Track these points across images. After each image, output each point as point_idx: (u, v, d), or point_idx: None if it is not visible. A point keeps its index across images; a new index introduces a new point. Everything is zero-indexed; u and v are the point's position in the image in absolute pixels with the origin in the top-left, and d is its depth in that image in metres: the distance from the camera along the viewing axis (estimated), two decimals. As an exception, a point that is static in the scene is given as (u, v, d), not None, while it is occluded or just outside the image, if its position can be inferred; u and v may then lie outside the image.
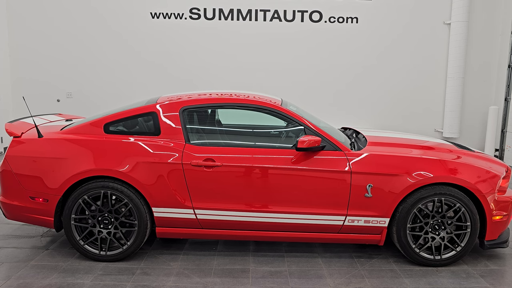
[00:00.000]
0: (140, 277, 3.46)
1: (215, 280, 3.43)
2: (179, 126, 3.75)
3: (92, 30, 8.48)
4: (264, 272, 3.58)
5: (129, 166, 3.58)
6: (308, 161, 3.62)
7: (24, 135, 3.79)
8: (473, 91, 8.69)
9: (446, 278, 3.53)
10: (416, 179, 3.56)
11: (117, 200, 3.64)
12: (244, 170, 3.61)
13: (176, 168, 3.61)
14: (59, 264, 3.66)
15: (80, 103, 8.62)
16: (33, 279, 3.38)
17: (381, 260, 3.85)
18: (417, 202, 3.59)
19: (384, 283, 3.43)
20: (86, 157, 3.61)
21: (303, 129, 3.76)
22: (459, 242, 3.68)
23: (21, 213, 3.76)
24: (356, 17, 8.47)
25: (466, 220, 3.63)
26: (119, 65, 8.59)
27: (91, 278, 3.42)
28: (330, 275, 3.55)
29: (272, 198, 3.64)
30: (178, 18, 8.46)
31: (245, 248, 4.06)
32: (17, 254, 3.84)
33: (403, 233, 3.64)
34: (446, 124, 8.58)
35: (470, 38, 8.41)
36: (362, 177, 3.59)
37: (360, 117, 8.70)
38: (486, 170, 3.72)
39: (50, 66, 8.55)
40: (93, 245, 3.70)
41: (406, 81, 8.67)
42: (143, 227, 3.65)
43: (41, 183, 3.64)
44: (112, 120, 3.81)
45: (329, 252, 4.00)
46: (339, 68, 8.62)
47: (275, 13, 8.46)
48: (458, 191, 3.60)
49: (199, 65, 8.59)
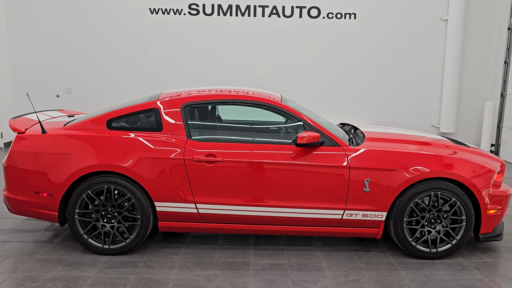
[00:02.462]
0: (143, 270, 3.54)
1: (217, 272, 3.51)
2: (181, 122, 3.81)
3: (91, 26, 8.50)
4: (265, 265, 3.67)
5: (132, 161, 3.65)
6: (307, 157, 3.69)
7: (28, 131, 3.84)
8: (470, 87, 8.77)
9: (441, 270, 3.62)
10: (413, 174, 3.64)
11: (120, 194, 3.71)
12: (245, 165, 3.68)
13: (178, 163, 3.67)
14: (63, 257, 3.73)
15: (79, 98, 8.67)
16: (39, 272, 3.45)
17: (379, 253, 3.94)
18: (414, 197, 3.67)
19: (382, 275, 3.52)
20: (89, 152, 3.68)
21: (303, 125, 3.83)
22: (454, 235, 3.77)
23: (26, 207, 3.83)
24: (354, 13, 8.53)
25: (462, 214, 3.72)
26: (117, 61, 8.62)
27: (96, 271, 3.49)
28: (329, 268, 3.63)
29: (272, 192, 3.71)
30: (177, 14, 8.49)
31: (246, 241, 4.15)
32: (22, 248, 3.91)
33: (400, 227, 3.72)
34: (443, 119, 8.66)
35: (467, 34, 8.48)
36: (360, 172, 3.67)
37: (357, 112, 8.78)
38: (481, 165, 3.80)
39: (49, 62, 8.58)
40: (97, 239, 3.77)
41: (403, 76, 8.74)
42: (146, 221, 3.72)
43: (45, 178, 3.70)
44: (114, 116, 3.87)
45: (327, 246, 4.08)
46: (337, 63, 8.68)
47: (274, 8, 8.51)
48: (454, 186, 3.68)
49: (197, 60, 8.63)
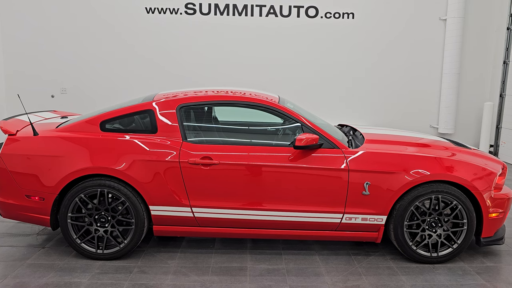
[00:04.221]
0: (138, 275, 3.45)
1: (213, 278, 3.43)
2: (176, 124, 3.73)
3: (86, 25, 8.39)
4: (262, 270, 3.58)
5: (125, 164, 3.56)
6: (306, 159, 3.61)
7: (19, 133, 3.75)
8: (469, 87, 8.72)
9: (442, 275, 3.55)
10: (414, 177, 3.57)
11: (114, 198, 3.62)
12: (242, 168, 3.60)
13: (173, 166, 3.59)
14: (55, 262, 3.64)
15: (75, 99, 8.55)
16: (30, 278, 3.36)
17: (378, 258, 3.86)
18: (414, 200, 3.60)
19: (382, 280, 3.44)
20: (82, 155, 3.58)
21: (301, 126, 3.75)
22: (455, 239, 3.70)
23: (17, 211, 3.73)
24: (352, 13, 8.46)
25: (463, 217, 3.65)
26: (113, 61, 8.52)
27: (88, 277, 3.40)
28: (328, 273, 3.56)
29: (269, 196, 3.63)
30: (173, 13, 8.40)
31: (243, 245, 4.06)
32: (13, 253, 3.81)
33: (400, 231, 3.65)
34: (442, 120, 8.61)
35: (465, 34, 8.42)
36: (359, 175, 3.59)
37: (355, 113, 8.70)
38: (482, 168, 3.73)
39: (44, 62, 8.47)
40: (90, 244, 3.68)
41: (402, 77, 8.67)
42: (140, 225, 3.63)
43: (37, 181, 3.61)
44: (108, 117, 3.78)
45: (326, 250, 4.00)
46: (335, 64, 8.61)
47: (271, 8, 8.42)
48: (455, 189, 3.61)
49: (194, 60, 8.54)
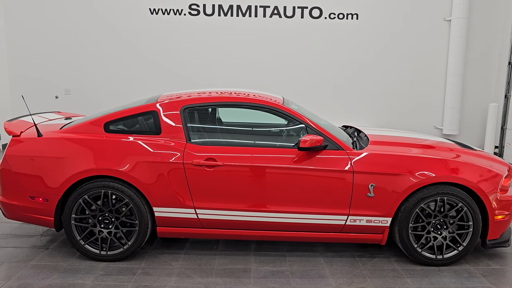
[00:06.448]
0: (141, 277, 3.44)
1: (217, 280, 3.42)
2: (180, 125, 3.72)
3: (90, 26, 8.41)
4: (266, 272, 3.57)
5: (129, 165, 3.55)
6: (310, 161, 3.60)
7: (23, 134, 3.75)
8: (473, 88, 8.66)
9: (448, 277, 3.52)
10: (419, 178, 3.54)
11: (118, 199, 3.62)
12: (246, 169, 3.59)
13: (177, 167, 3.58)
14: (59, 264, 3.64)
15: (79, 100, 8.57)
16: (34, 279, 3.36)
17: (383, 260, 3.84)
18: (419, 202, 3.57)
19: (387, 283, 3.42)
20: (86, 156, 3.58)
21: (305, 128, 3.74)
22: (461, 241, 3.67)
23: (21, 212, 3.74)
24: (356, 14, 8.42)
25: (468, 219, 3.62)
26: (117, 62, 8.53)
27: (92, 278, 3.40)
28: (332, 275, 3.54)
29: (273, 197, 3.62)
30: (177, 14, 8.39)
31: (247, 247, 4.05)
32: (17, 254, 3.82)
33: (405, 233, 3.62)
34: (446, 121, 8.56)
35: (470, 34, 8.37)
36: (364, 176, 3.57)
37: (359, 114, 8.67)
38: (488, 169, 3.70)
39: (48, 63, 8.48)
40: (94, 245, 3.67)
41: (406, 77, 8.63)
42: (144, 226, 3.63)
43: (41, 183, 3.61)
44: (112, 119, 3.77)
45: (330, 252, 3.98)
46: (339, 64, 8.58)
47: (275, 9, 8.41)
48: (460, 191, 3.58)
49: (198, 61, 8.53)
